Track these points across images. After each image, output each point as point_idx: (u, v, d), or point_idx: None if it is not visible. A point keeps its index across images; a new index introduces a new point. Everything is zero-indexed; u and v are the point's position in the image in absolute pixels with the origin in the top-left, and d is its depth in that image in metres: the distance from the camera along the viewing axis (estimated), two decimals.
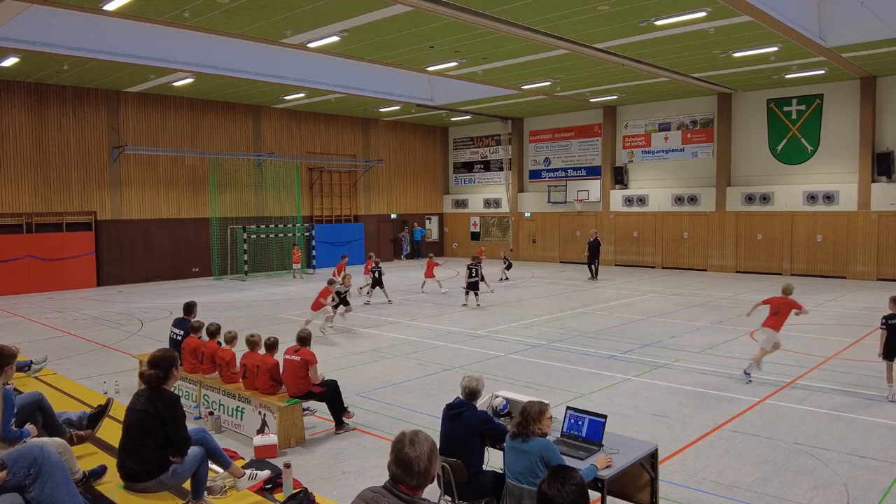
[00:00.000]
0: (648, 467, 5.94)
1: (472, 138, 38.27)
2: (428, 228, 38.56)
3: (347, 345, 14.37)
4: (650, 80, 24.85)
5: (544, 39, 18.57)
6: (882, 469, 7.42)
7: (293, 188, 31.12)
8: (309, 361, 8.60)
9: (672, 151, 30.13)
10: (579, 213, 32.85)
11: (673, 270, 29.23)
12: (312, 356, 8.68)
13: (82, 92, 24.88)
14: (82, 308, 20.05)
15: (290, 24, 17.34)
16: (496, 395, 6.99)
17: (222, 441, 7.87)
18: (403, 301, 20.78)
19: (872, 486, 6.98)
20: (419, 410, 9.73)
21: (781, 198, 26.78)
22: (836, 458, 7.73)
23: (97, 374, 11.78)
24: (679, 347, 13.76)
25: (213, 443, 5.92)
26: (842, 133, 25.41)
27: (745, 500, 6.68)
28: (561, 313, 18.33)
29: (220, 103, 28.68)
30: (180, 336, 10.36)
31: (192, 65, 21.88)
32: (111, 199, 25.78)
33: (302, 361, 8.58)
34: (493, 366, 12.37)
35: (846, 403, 9.88)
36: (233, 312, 18.71)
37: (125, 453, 5.42)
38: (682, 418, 9.30)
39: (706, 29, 17.99)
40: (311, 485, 6.80)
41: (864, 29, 18.77)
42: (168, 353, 5.64)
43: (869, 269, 24.89)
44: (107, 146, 25.58)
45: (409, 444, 3.28)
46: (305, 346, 8.76)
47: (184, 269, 27.78)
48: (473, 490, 5.79)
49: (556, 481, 2.93)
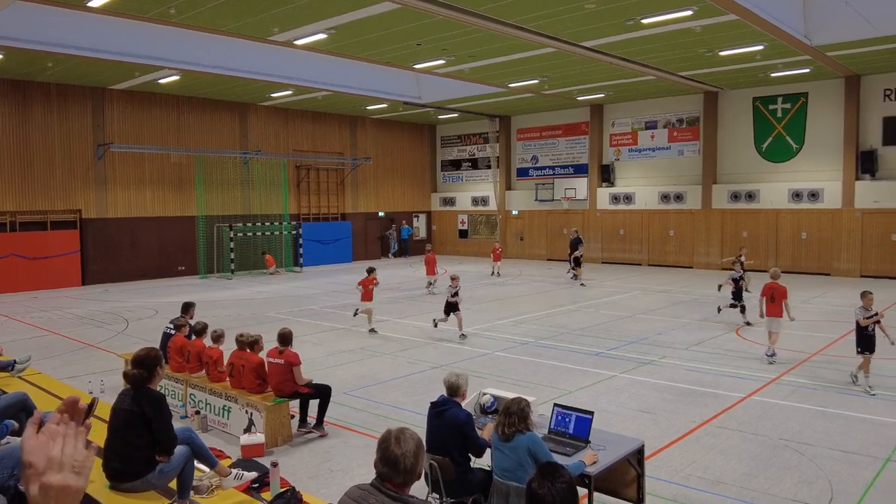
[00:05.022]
0: (635, 463, 5.97)
1: (460, 136, 38.28)
2: (415, 226, 38.54)
3: (335, 343, 14.34)
4: (637, 78, 24.95)
5: (532, 37, 18.59)
6: (865, 464, 7.49)
7: (280, 186, 31.01)
8: (292, 363, 8.50)
9: (658, 150, 30.27)
10: (567, 211, 32.93)
11: (659, 268, 29.38)
12: (296, 357, 8.59)
13: (67, 89, 24.67)
14: (67, 307, 19.89)
15: (277, 22, 17.27)
16: (483, 393, 6.99)
17: (209, 440, 7.85)
18: (391, 299, 20.76)
19: (856, 480, 7.05)
20: (406, 408, 9.73)
21: (767, 195, 26.97)
22: (821, 454, 7.80)
23: (82, 374, 11.70)
24: (665, 344, 13.83)
25: (199, 442, 5.90)
26: (826, 131, 25.62)
27: (731, 496, 6.73)
28: (548, 311, 18.37)
29: (207, 101, 28.52)
30: (172, 331, 10.31)
31: (178, 62, 21.74)
32: (96, 197, 25.59)
33: (286, 364, 8.49)
34: (481, 363, 12.38)
35: (830, 399, 9.97)
36: (220, 311, 18.63)
37: (111, 453, 5.39)
38: (668, 414, 9.36)
39: (693, 27, 18.08)
40: (299, 483, 6.79)
41: (849, 28, 18.92)
42: (152, 352, 5.61)
43: (853, 265, 25.12)
44: (92, 144, 25.38)
45: (395, 442, 3.29)
46: (287, 345, 8.65)
47: (170, 267, 27.63)
48: (461, 487, 5.80)
49: (546, 480, 2.94)
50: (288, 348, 8.63)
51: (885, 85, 24.34)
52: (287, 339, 8.69)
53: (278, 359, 8.56)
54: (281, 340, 8.67)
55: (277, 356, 8.58)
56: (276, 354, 8.61)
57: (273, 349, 8.72)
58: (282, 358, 8.53)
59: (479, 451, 5.86)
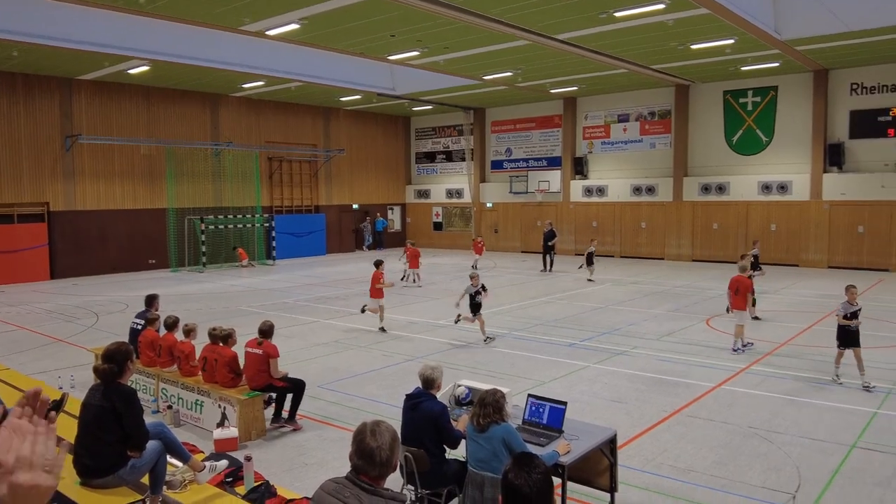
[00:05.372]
0: (608, 452, 6.04)
1: (435, 128, 38.21)
2: (390, 219, 38.45)
3: (309, 336, 14.28)
4: (610, 71, 25.09)
5: (506, 30, 18.60)
6: (832, 450, 7.66)
7: (252, 178, 30.71)
8: (270, 355, 8.51)
9: (631, 142, 30.50)
10: (540, 204, 33.07)
11: (631, 259, 29.64)
12: (274, 349, 8.60)
13: (33, 79, 24.15)
14: (35, 301, 19.55)
15: (248, 12, 17.06)
16: (458, 385, 7.01)
17: (181, 435, 7.78)
18: (365, 292, 20.65)
19: (823, 467, 7.20)
20: (381, 401, 9.73)
21: (737, 188, 27.32)
22: (789, 441, 7.95)
23: (52, 369, 11.52)
24: (637, 335, 13.98)
25: (171, 436, 5.85)
26: (795, 124, 26.01)
27: (702, 483, 6.83)
28: (522, 302, 18.46)
29: (177, 91, 28.12)
30: (140, 325, 10.19)
31: (148, 52, 21.36)
32: (64, 189, 25.14)
33: (264, 355, 8.49)
34: (456, 355, 12.42)
35: (799, 388, 10.16)
36: (191, 304, 18.44)
37: (81, 449, 5.32)
38: (640, 404, 9.47)
39: (665, 21, 18.22)
40: (273, 477, 6.77)
41: (818, 23, 19.21)
42: (122, 346, 5.54)
43: (821, 256, 25.57)
44: (59, 135, 24.91)
45: (371, 435, 3.29)
46: (268, 338, 8.66)
47: (140, 260, 27.26)
48: (436, 479, 5.83)
49: (521, 471, 2.95)
50: (267, 340, 8.62)
51: (852, 79, 24.76)
52: (268, 332, 8.70)
53: (256, 349, 8.54)
54: (262, 333, 8.68)
55: (256, 347, 8.58)
56: (254, 345, 8.61)
57: (252, 340, 8.72)
58: (260, 349, 8.52)
59: (454, 443, 5.89)
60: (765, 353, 12.30)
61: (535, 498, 2.90)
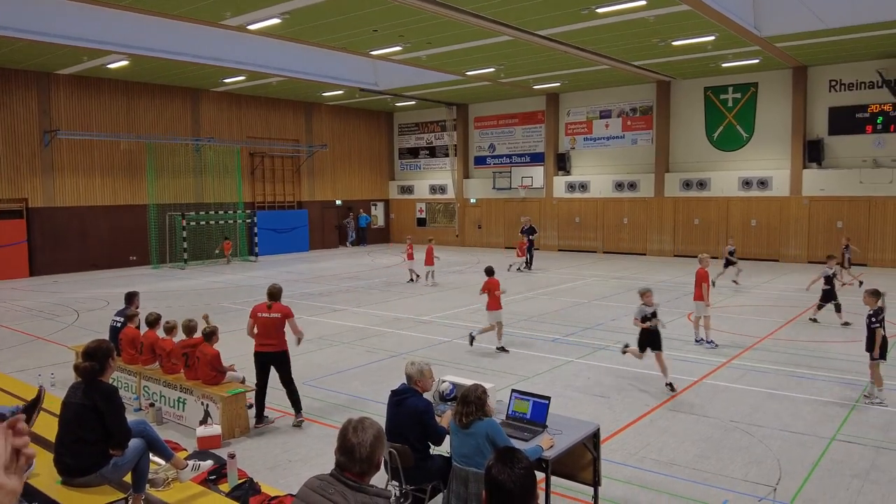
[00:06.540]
0: (591, 447, 6.07)
1: (418, 124, 38.14)
2: (374, 215, 38.35)
3: (291, 333, 14.18)
4: (592, 67, 25.16)
5: (488, 25, 18.60)
6: (812, 443, 7.76)
7: (234, 174, 30.50)
8: (287, 315, 8.56)
9: (613, 138, 30.63)
10: (523, 199, 33.14)
11: (613, 255, 29.80)
12: (288, 310, 8.64)
13: (10, 74, 23.81)
14: (14, 299, 19.31)
15: (229, 6, 16.93)
16: (442, 381, 7.02)
17: (164, 433, 7.72)
18: (349, 288, 20.65)
19: (803, 460, 7.29)
20: (366, 397, 9.72)
21: (718, 183, 27.54)
22: (770, 434, 8.04)
23: (31, 367, 11.39)
24: (619, 330, 14.05)
25: (154, 434, 5.80)
26: (775, 121, 26.24)
27: (684, 477, 6.90)
28: (505, 298, 18.44)
29: (157, 86, 27.85)
30: (119, 323, 10.09)
31: (127, 46, 21.12)
32: (43, 185, 24.83)
33: (281, 317, 8.52)
34: (440, 351, 12.43)
35: (779, 382, 10.27)
36: (172, 301, 18.30)
37: (62, 448, 5.27)
38: (622, 398, 9.54)
39: (646, 17, 18.30)
40: (257, 474, 6.74)
41: (797, 20, 19.38)
42: (103, 343, 5.48)
43: (800, 251, 25.85)
44: (38, 130, 24.59)
45: (353, 432, 3.30)
46: (276, 300, 8.64)
47: (121, 257, 27.00)
48: (421, 475, 5.83)
49: (504, 465, 2.95)
50: (277, 303, 8.62)
51: (830, 76, 25.02)
52: (276, 294, 8.70)
53: (270, 313, 8.53)
54: (270, 296, 8.66)
55: (267, 311, 8.55)
56: (265, 310, 8.58)
57: (261, 304, 8.68)
58: (275, 312, 8.52)
59: (438, 440, 5.90)
60: (745, 348, 12.42)
61: (518, 492, 2.90)
